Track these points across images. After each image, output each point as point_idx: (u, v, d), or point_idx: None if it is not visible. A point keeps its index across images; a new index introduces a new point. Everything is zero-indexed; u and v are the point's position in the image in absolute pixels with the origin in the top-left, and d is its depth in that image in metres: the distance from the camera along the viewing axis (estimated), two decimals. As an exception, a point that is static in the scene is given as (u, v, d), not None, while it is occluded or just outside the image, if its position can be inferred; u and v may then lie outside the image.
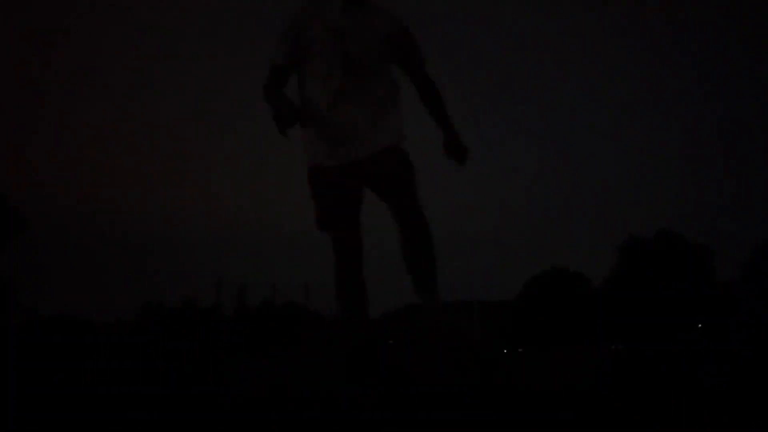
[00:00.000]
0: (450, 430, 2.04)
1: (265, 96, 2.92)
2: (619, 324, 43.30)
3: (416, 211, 3.00)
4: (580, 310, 48.33)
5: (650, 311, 42.67)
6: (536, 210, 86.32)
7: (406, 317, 56.17)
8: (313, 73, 2.94)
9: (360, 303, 3.02)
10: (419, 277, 3.07)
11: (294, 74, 3.01)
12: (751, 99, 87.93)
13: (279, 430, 2.20)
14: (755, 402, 2.23)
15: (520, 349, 49.66)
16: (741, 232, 71.43)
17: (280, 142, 2.87)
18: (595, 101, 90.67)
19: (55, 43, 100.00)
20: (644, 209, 72.62)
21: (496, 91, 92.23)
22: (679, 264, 44.17)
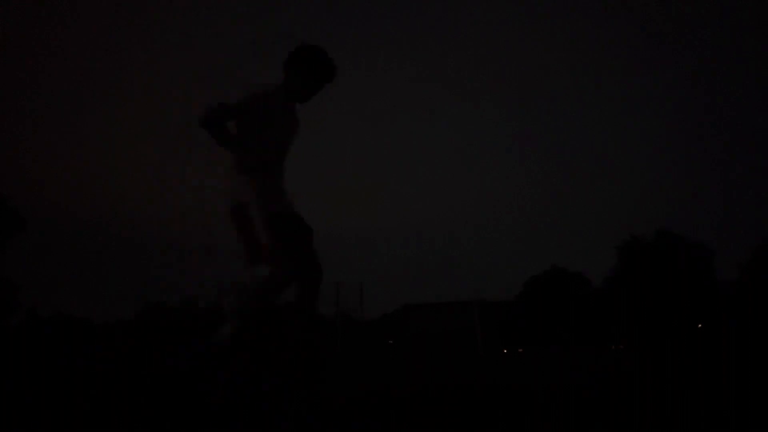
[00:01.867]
0: (449, 429, 2.03)
1: (212, 125, 3.76)
2: (619, 324, 43.28)
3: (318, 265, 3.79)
4: (580, 310, 48.32)
5: (650, 311, 42.66)
6: (536, 210, 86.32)
7: (403, 318, 56.19)
8: (261, 147, 3.78)
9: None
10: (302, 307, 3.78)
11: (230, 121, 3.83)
12: (751, 99, 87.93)
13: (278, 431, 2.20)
14: (755, 402, 2.22)
15: (520, 349, 49.63)
16: (741, 232, 71.41)
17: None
18: (595, 101, 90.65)
19: (55, 43, 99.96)
20: (644, 209, 72.66)
21: (497, 92, 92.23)
22: (679, 264, 44.13)
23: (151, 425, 2.30)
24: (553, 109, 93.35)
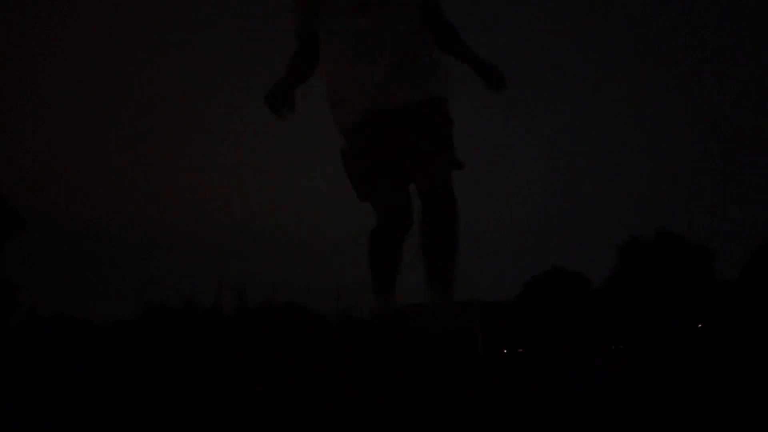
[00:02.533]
0: (449, 429, 2.04)
1: (289, 66, 2.80)
2: (619, 324, 43.28)
3: (448, 189, 2.73)
4: (580, 310, 48.31)
5: (650, 311, 42.64)
6: (536, 210, 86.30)
7: (407, 317, 56.08)
8: (334, 30, 2.72)
9: (392, 277, 2.78)
10: (436, 272, 2.81)
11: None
12: (751, 98, 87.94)
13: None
14: (755, 402, 2.22)
15: (520, 349, 49.62)
16: (741, 232, 71.37)
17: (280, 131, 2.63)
18: (594, 101, 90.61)
19: (56, 43, 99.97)
20: (644, 209, 72.67)
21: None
22: (679, 264, 44.11)
23: (151, 425, 2.30)
24: (552, 108, 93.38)
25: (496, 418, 2.16)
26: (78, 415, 2.59)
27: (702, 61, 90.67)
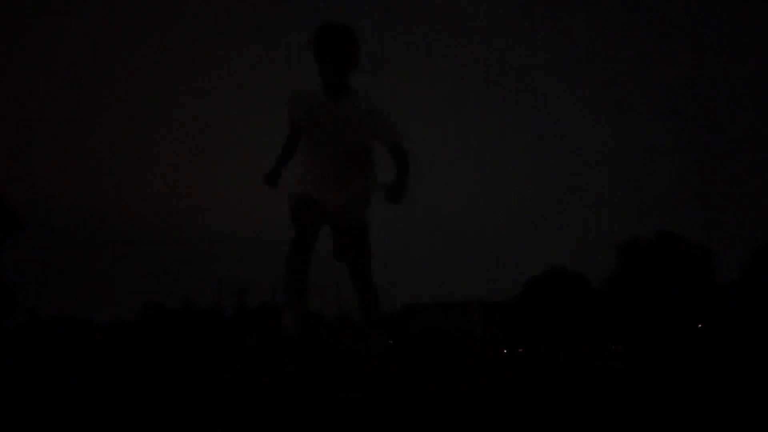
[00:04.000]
0: (449, 429, 2.04)
1: (283, 148, 3.66)
2: (619, 324, 43.29)
3: (369, 277, 3.76)
4: (580, 310, 48.35)
5: (650, 311, 42.66)
6: (536, 210, 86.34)
7: (403, 318, 56.25)
8: (306, 149, 3.55)
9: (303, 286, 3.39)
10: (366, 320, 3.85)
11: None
12: (751, 98, 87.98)
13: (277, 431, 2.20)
14: (755, 402, 2.22)
15: (520, 349, 49.66)
16: (741, 232, 71.39)
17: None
18: (594, 100, 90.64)
19: (57, 43, 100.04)
20: (644, 209, 72.73)
21: (495, 90, 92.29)
22: (679, 264, 44.14)
23: (151, 425, 2.30)
24: (552, 109, 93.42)
25: (496, 418, 2.16)
26: (78, 415, 2.59)
27: (702, 60, 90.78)
